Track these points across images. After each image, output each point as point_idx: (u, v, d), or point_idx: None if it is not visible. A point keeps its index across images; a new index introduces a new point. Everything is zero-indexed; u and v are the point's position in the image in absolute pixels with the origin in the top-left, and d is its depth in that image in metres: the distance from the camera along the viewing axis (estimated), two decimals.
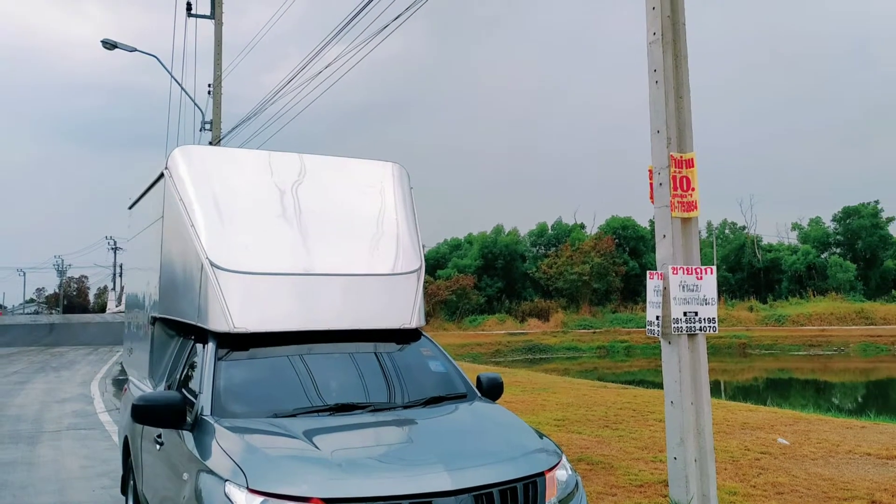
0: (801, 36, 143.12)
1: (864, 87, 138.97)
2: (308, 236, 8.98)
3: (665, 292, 8.80)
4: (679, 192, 8.87)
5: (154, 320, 10.81)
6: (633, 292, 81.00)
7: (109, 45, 33.92)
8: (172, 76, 34.36)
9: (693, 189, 8.95)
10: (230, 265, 8.29)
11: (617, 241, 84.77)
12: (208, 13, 33.58)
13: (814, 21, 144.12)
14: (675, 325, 8.75)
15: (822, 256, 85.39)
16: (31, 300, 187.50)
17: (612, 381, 31.97)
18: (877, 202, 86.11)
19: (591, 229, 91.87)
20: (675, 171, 8.86)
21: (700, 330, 8.86)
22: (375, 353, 8.70)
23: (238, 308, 8.13)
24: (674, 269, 8.81)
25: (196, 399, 7.59)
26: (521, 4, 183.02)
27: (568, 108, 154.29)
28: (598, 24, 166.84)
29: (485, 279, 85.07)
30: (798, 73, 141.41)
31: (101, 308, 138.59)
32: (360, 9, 18.76)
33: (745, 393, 37.39)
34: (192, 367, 8.39)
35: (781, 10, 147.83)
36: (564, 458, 7.09)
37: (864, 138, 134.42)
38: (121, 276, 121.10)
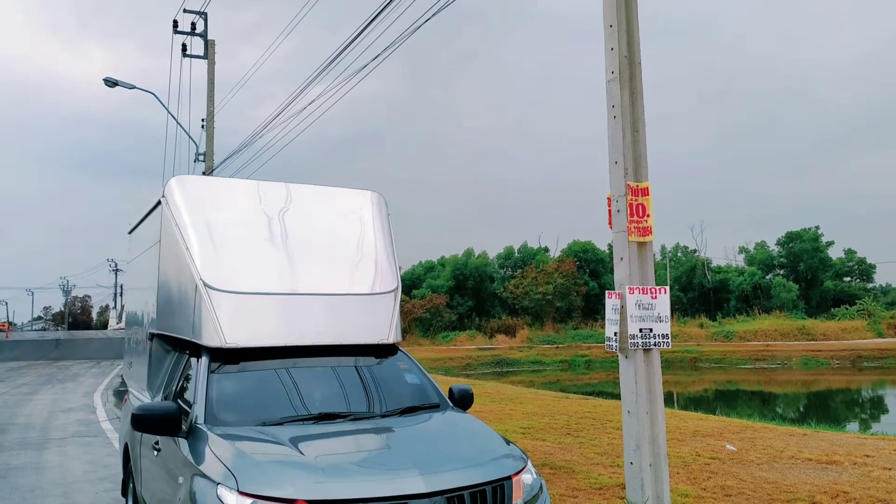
0: (746, 73, 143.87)
1: (804, 121, 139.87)
2: (293, 259, 9.01)
3: (622, 310, 8.83)
4: (635, 218, 8.91)
5: (152, 336, 10.83)
6: (593, 310, 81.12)
7: (111, 82, 33.96)
8: (168, 111, 34.49)
9: (648, 215, 8.99)
10: (222, 285, 8.33)
11: (578, 263, 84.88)
12: (202, 54, 33.73)
13: (757, 60, 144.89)
14: (632, 341, 8.77)
15: (767, 277, 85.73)
16: (39, 318, 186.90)
17: (574, 393, 31.99)
18: (817, 227, 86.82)
19: (555, 252, 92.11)
20: (631, 199, 8.90)
21: (655, 345, 8.89)
22: (356, 367, 8.72)
23: (229, 325, 8.15)
24: (630, 289, 8.84)
25: (190, 409, 7.62)
26: (490, 46, 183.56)
27: (533, 141, 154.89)
28: (561, 64, 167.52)
29: (456, 298, 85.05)
30: (743, 109, 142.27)
31: (103, 325, 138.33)
32: (340, 50, 18.80)
33: (696, 403, 37.43)
34: (187, 379, 8.42)
35: (728, 50, 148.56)
36: (530, 463, 7.13)
37: (806, 168, 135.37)
38: (121, 295, 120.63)
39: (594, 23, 8.95)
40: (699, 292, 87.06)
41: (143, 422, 7.24)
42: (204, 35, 33.83)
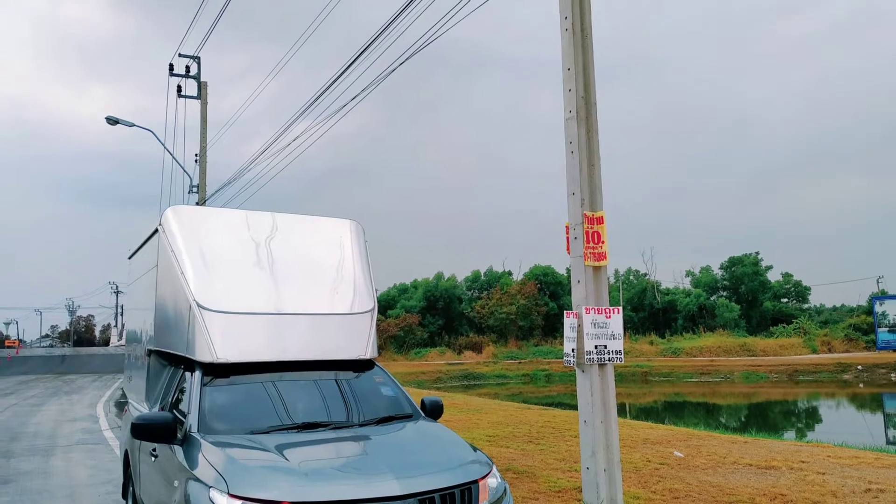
0: (693, 112, 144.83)
1: (746, 155, 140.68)
2: (279, 281, 9.06)
3: (579, 329, 8.85)
4: (591, 244, 8.94)
5: (150, 352, 10.87)
6: (553, 329, 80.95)
7: (112, 120, 34.10)
8: (165, 147, 34.56)
9: (603, 242, 9.03)
10: (214, 306, 8.38)
11: (539, 285, 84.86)
12: (195, 94, 33.85)
13: (701, 100, 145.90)
14: (588, 357, 8.79)
15: (711, 298, 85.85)
16: (46, 335, 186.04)
17: (535, 404, 31.90)
18: (757, 253, 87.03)
19: (518, 276, 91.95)
20: (587, 227, 8.93)
21: (609, 360, 8.91)
22: (336, 380, 8.76)
23: (220, 342, 8.22)
24: (587, 309, 8.87)
25: (185, 418, 7.65)
26: (458, 88, 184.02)
27: (498, 174, 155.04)
28: (524, 104, 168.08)
29: (428, 318, 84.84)
30: (691, 145, 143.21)
31: (106, 342, 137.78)
32: (321, 92, 18.87)
33: (646, 414, 37.43)
34: (182, 391, 8.44)
35: (675, 92, 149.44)
36: (494, 468, 7.17)
37: (747, 198, 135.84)
38: (122, 315, 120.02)
39: (553, 66, 8.96)
40: (649, 312, 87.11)
41: (142, 430, 7.30)
42: (197, 77, 34.00)
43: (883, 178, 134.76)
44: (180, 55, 33.79)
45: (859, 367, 53.42)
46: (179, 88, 33.85)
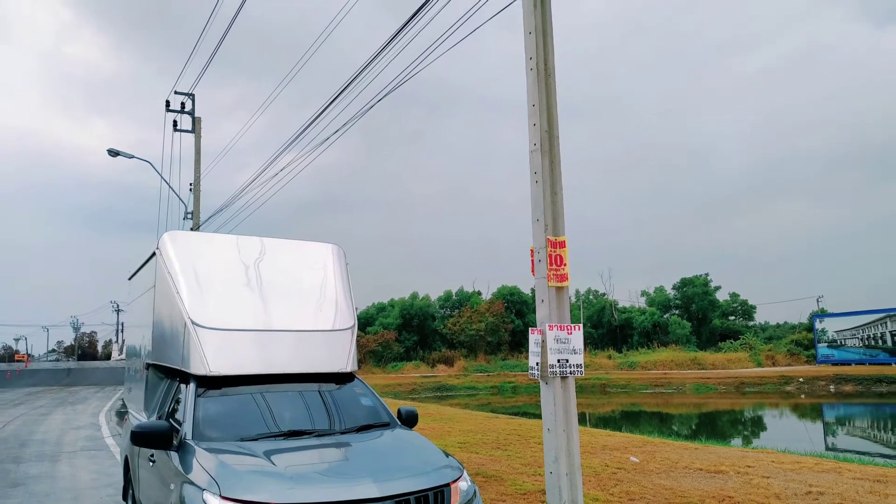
0: (648, 144, 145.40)
1: (696, 184, 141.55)
2: (267, 301, 9.11)
3: (543, 344, 8.87)
4: (554, 266, 8.97)
5: (148, 366, 10.93)
6: (519, 344, 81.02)
7: (113, 152, 34.15)
8: (162, 177, 34.61)
9: (565, 264, 9.06)
10: (207, 323, 8.44)
11: (506, 304, 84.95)
12: (190, 128, 33.87)
13: (658, 134, 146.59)
14: (551, 370, 8.81)
15: (665, 316, 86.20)
16: (53, 350, 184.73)
17: (503, 413, 31.90)
18: (707, 274, 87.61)
19: (486, 295, 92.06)
20: (551, 251, 8.97)
21: (570, 373, 8.93)
22: (319, 391, 8.79)
23: (213, 356, 8.27)
24: (550, 326, 8.89)
25: (180, 427, 7.69)
26: (435, 124, 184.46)
27: (469, 202, 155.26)
28: (492, 137, 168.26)
29: (404, 334, 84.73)
30: (646, 175, 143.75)
31: (107, 356, 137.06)
32: (306, 126, 18.89)
33: (605, 422, 37.48)
34: (178, 402, 8.46)
35: (634, 125, 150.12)
36: (465, 472, 7.21)
37: (698, 223, 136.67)
38: (122, 331, 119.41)
39: (519, 102, 8.99)
40: (608, 329, 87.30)
41: (141, 438, 7.34)
42: (192, 113, 34.04)
43: (824, 205, 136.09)
44: (176, 92, 33.91)
45: (801, 379, 53.67)
46: (175, 123, 33.93)
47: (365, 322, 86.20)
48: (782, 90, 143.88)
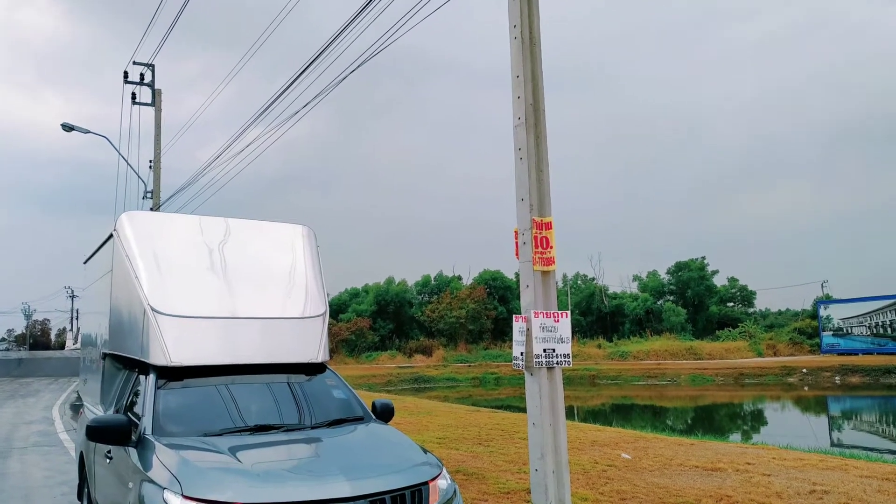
0: (640, 119, 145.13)
1: (692, 162, 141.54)
2: (232, 286, 9.11)
3: (528, 333, 8.92)
4: (540, 249, 9.01)
5: (105, 356, 10.91)
6: (502, 332, 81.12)
7: (67, 127, 34.02)
8: (120, 153, 34.53)
9: (551, 247, 9.10)
10: (167, 310, 8.43)
11: (488, 290, 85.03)
12: (150, 101, 33.95)
13: (649, 107, 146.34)
14: (537, 360, 8.86)
15: (658, 303, 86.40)
16: (3, 339, 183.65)
17: (485, 407, 31.96)
18: (703, 258, 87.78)
19: (467, 280, 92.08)
20: (536, 233, 9.01)
21: (557, 364, 8.98)
22: (288, 383, 8.82)
23: (174, 345, 8.27)
24: (535, 313, 8.94)
25: (139, 421, 7.70)
26: (412, 97, 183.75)
27: (448, 181, 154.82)
28: (473, 112, 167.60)
29: (379, 322, 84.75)
30: (638, 152, 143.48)
31: (61, 346, 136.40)
32: (274, 99, 18.89)
33: (594, 416, 37.64)
34: (136, 394, 8.46)
35: (625, 98, 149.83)
36: (444, 470, 7.25)
37: (693, 204, 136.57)
38: (77, 319, 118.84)
39: (503, 74, 9.06)
40: (597, 316, 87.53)
41: (97, 433, 7.33)
42: (151, 85, 34.05)
43: (828, 183, 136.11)
44: (135, 63, 33.89)
45: (804, 370, 53.93)
46: (134, 96, 33.94)
47: (337, 309, 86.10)
48: (783, 61, 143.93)
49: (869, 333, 61.76)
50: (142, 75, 33.72)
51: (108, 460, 8.12)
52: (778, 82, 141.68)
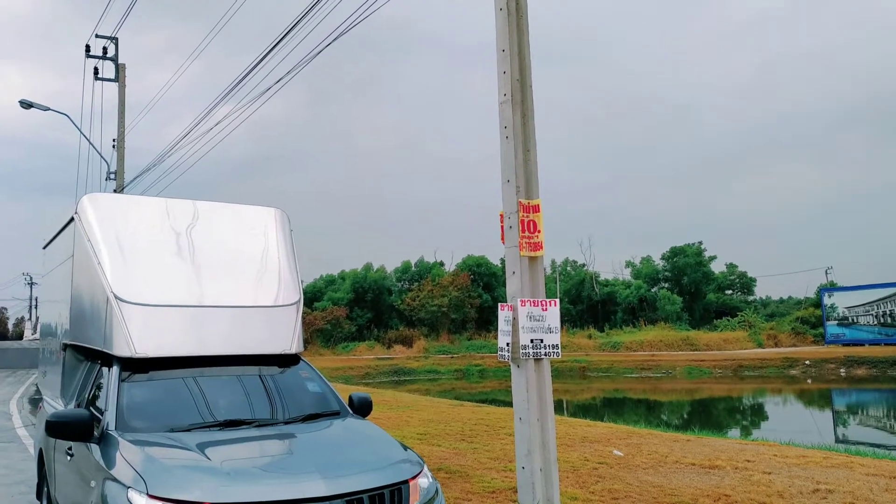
0: (632, 96, 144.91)
1: (688, 142, 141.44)
2: (200, 273, 9.10)
3: (514, 322, 8.94)
4: (527, 234, 9.04)
5: (65, 346, 10.91)
6: (487, 322, 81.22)
7: (26, 104, 33.91)
8: (81, 132, 34.47)
9: (539, 231, 9.13)
10: (132, 298, 8.41)
11: (472, 276, 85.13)
12: (113, 77, 33.84)
13: (642, 84, 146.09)
14: (523, 351, 8.89)
15: (653, 290, 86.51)
16: None
17: (468, 400, 32.10)
18: (700, 243, 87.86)
19: (450, 266, 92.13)
20: (523, 216, 9.03)
21: (545, 355, 9.02)
22: (260, 376, 8.83)
23: (139, 336, 8.24)
24: (522, 301, 8.97)
25: (102, 416, 7.71)
26: (390, 72, 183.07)
27: (428, 161, 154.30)
28: (457, 88, 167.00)
29: (356, 310, 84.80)
30: (631, 131, 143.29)
31: (19, 336, 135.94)
32: (244, 74, 18.84)
33: (584, 411, 37.70)
34: (99, 387, 8.47)
35: (616, 73, 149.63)
36: (426, 468, 7.28)
37: (689, 186, 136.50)
38: (36, 307, 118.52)
39: (488, 48, 8.95)
40: (587, 305, 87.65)
41: (57, 428, 7.33)
42: (115, 59, 33.99)
43: (831, 165, 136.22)
44: (97, 36, 33.79)
45: (807, 361, 54.21)
46: (96, 71, 33.89)
47: (312, 297, 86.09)
48: (783, 36, 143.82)
49: (876, 323, 61.87)
50: (105, 49, 33.63)
51: (68, 457, 8.09)
52: (779, 58, 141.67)
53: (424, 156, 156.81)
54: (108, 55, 33.50)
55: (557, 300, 9.41)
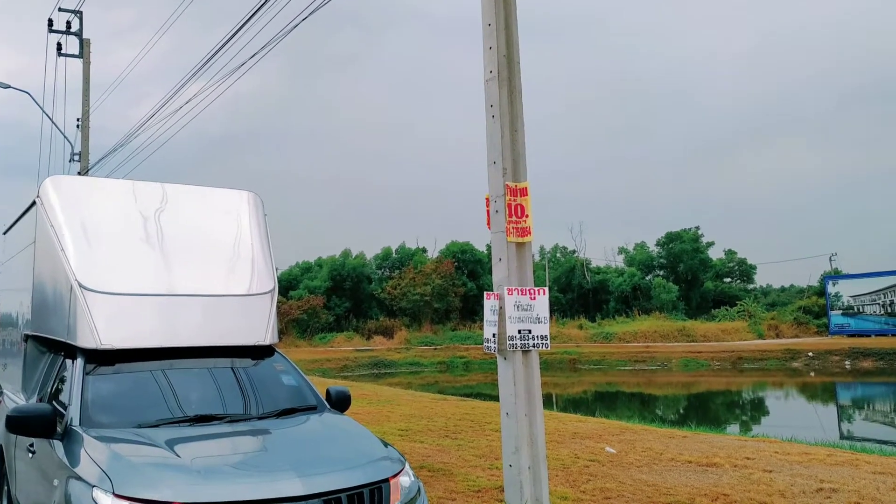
0: (628, 74, 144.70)
1: (683, 125, 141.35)
2: (170, 259, 9.09)
3: (501, 311, 8.95)
4: (514, 218, 9.04)
5: (27, 337, 10.89)
6: (472, 311, 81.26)
7: None
8: (43, 111, 34.56)
9: (527, 216, 9.13)
10: (97, 286, 8.39)
11: (456, 264, 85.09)
12: (77, 53, 33.68)
13: (635, 59, 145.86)
14: (511, 342, 8.90)
15: (647, 278, 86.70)
16: None
17: (452, 394, 32.07)
18: (697, 228, 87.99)
19: (433, 253, 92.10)
20: (510, 200, 9.03)
21: (533, 346, 9.03)
22: (232, 368, 8.83)
23: (104, 326, 8.23)
24: (509, 290, 8.98)
25: (66, 411, 7.71)
26: (371, 48, 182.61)
27: (409, 143, 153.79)
28: (440, 64, 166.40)
29: (333, 299, 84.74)
30: (623, 111, 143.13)
31: None
32: (217, 49, 18.76)
33: (575, 405, 37.81)
34: (62, 380, 8.47)
35: (608, 50, 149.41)
36: (407, 466, 7.32)
37: (685, 169, 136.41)
38: None
39: (472, 21, 8.97)
40: (578, 293, 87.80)
41: (18, 424, 7.34)
42: (79, 34, 33.82)
43: (835, 147, 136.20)
44: (60, 9, 33.53)
45: (810, 353, 54.33)
46: (60, 46, 33.72)
47: (287, 285, 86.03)
48: (784, 8, 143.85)
49: (883, 312, 61.93)
50: (68, 23, 33.43)
51: (30, 455, 8.09)
52: (779, 37, 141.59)
53: (408, 137, 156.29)
54: (72, 30, 33.32)
55: (546, 288, 9.43)
